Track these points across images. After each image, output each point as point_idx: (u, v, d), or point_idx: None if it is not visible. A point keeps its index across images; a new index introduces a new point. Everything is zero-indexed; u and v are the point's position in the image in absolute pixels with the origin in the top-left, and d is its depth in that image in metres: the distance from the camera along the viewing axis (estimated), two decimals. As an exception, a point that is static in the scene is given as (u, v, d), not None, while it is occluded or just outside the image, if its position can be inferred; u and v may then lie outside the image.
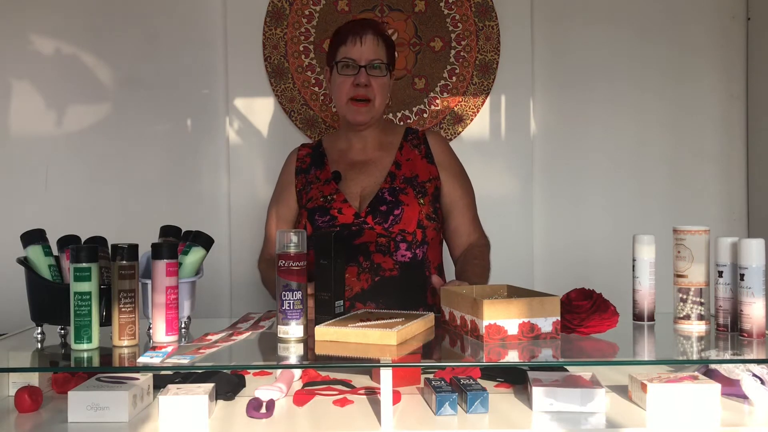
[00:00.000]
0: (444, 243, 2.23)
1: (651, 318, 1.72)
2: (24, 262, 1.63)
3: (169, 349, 1.45)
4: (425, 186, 2.13)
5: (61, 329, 1.62)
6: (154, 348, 1.46)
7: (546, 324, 1.55)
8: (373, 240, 2.05)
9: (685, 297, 1.65)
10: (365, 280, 2.03)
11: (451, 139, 2.78)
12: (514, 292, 1.72)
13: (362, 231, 2.05)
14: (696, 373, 1.54)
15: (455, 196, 2.18)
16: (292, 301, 1.53)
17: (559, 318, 1.56)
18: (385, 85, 2.14)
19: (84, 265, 1.49)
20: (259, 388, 1.55)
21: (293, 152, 2.28)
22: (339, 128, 2.33)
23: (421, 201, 2.09)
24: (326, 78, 2.22)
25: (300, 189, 2.19)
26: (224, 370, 1.63)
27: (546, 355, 1.50)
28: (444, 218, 2.19)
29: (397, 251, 2.05)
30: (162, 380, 1.59)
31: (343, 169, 2.17)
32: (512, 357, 1.49)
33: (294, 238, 1.55)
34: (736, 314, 1.57)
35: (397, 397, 1.50)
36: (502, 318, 1.53)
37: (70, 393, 1.45)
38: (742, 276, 1.54)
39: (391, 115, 2.80)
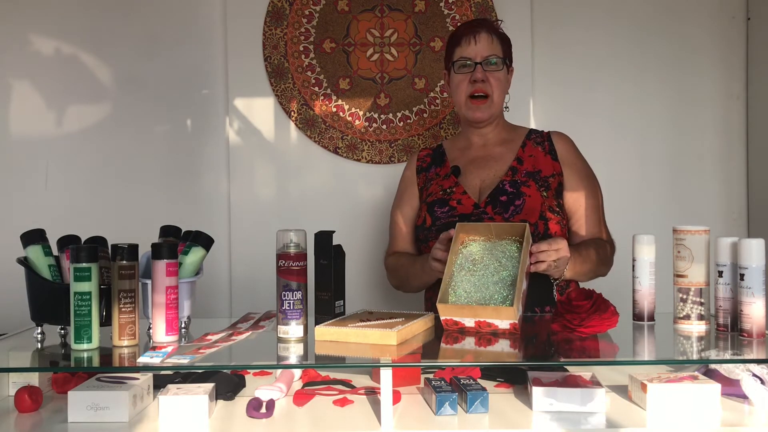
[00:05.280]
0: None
1: (651, 318, 1.72)
2: (24, 262, 1.63)
3: (169, 349, 1.45)
4: (548, 180, 2.06)
5: (61, 329, 1.62)
6: (154, 348, 1.46)
7: (503, 324, 1.58)
8: None
9: (685, 297, 1.65)
10: None
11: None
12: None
13: (481, 221, 2.00)
14: (696, 373, 1.54)
15: (579, 196, 2.10)
16: (292, 301, 1.53)
17: (515, 321, 1.57)
18: (502, 80, 2.11)
19: (84, 265, 1.49)
20: (259, 388, 1.55)
21: (413, 155, 2.28)
22: (460, 128, 2.29)
23: (544, 193, 2.03)
24: (445, 81, 2.20)
25: (421, 187, 2.18)
26: (224, 370, 1.63)
27: (507, 348, 1.52)
28: (567, 218, 2.10)
29: None
30: (162, 380, 1.59)
31: (463, 164, 2.14)
32: (469, 343, 1.54)
33: (294, 238, 1.55)
34: (736, 314, 1.57)
35: (397, 397, 1.50)
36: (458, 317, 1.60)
37: (70, 393, 1.45)
38: (742, 276, 1.54)
39: (390, 115, 2.80)
